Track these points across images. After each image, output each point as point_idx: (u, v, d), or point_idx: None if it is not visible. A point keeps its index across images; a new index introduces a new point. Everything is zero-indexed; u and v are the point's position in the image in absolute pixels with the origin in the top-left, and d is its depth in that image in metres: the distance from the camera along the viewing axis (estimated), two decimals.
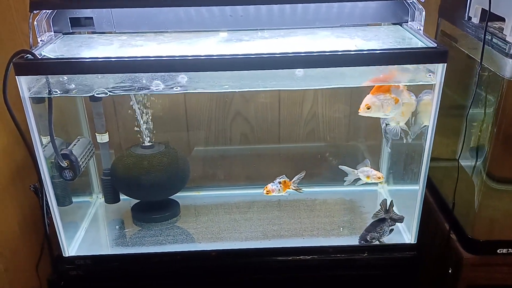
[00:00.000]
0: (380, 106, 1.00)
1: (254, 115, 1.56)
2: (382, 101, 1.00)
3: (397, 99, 1.01)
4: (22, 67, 1.03)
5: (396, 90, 1.01)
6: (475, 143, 1.25)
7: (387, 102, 1.01)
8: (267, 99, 1.54)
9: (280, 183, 1.26)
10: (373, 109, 1.01)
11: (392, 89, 1.00)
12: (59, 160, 1.21)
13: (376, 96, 1.00)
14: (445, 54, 1.05)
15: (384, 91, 1.01)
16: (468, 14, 1.22)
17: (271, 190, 1.25)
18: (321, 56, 1.06)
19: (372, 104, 1.00)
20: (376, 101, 1.00)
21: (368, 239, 1.29)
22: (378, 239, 1.30)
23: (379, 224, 1.30)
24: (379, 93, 1.00)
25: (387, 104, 1.01)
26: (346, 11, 1.24)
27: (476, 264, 1.22)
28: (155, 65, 1.06)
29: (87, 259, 1.28)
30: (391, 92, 1.00)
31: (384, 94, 1.00)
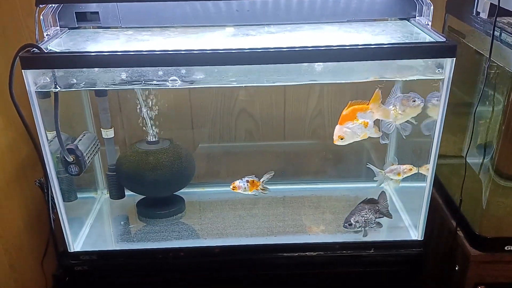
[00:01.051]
0: (352, 134, 1.02)
1: (259, 111, 1.56)
2: (352, 129, 1.02)
3: (366, 122, 1.02)
4: (28, 61, 1.03)
5: (363, 113, 1.02)
6: (482, 140, 1.24)
7: (357, 129, 1.03)
8: (272, 95, 1.54)
9: (248, 181, 1.26)
10: (346, 139, 1.03)
11: (358, 115, 1.02)
12: (65, 155, 1.21)
13: (345, 126, 1.02)
14: (454, 49, 1.04)
15: (351, 118, 1.02)
16: (476, 9, 1.21)
17: (238, 187, 1.25)
18: (328, 51, 1.05)
19: (344, 134, 1.03)
20: (346, 130, 1.02)
21: (352, 222, 1.25)
22: (362, 226, 1.26)
23: (364, 208, 1.27)
24: (347, 122, 1.02)
25: (358, 130, 1.03)
26: (353, 6, 1.24)
27: (483, 261, 1.22)
28: (161, 59, 1.06)
29: (93, 255, 1.28)
30: (357, 118, 1.02)
31: (352, 122, 1.02)
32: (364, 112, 1.02)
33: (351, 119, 1.02)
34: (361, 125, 1.02)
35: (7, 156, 1.30)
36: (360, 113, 1.02)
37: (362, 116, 1.02)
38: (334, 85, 1.52)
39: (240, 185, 1.25)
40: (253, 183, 1.26)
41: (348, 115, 1.02)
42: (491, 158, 1.18)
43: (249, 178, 1.26)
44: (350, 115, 1.02)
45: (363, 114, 1.02)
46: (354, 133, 1.02)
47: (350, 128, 1.02)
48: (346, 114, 1.02)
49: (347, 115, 1.02)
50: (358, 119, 1.02)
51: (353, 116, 1.02)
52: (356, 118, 1.02)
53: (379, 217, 1.30)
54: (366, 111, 1.03)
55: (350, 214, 1.28)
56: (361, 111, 1.02)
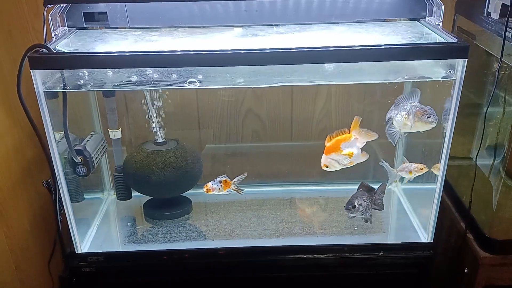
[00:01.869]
0: (336, 163, 1.05)
1: (266, 112, 1.55)
2: (337, 159, 1.05)
3: (350, 153, 1.04)
4: (37, 61, 1.03)
5: (347, 143, 1.04)
6: (492, 142, 1.23)
7: (342, 159, 1.05)
8: (280, 96, 1.53)
9: (221, 182, 1.24)
10: (331, 167, 1.06)
11: (342, 145, 1.04)
12: (73, 155, 1.20)
13: (330, 156, 1.05)
14: (466, 49, 1.04)
15: (335, 149, 1.04)
16: (487, 10, 1.20)
17: (211, 189, 1.24)
18: (338, 51, 1.04)
19: (329, 164, 1.06)
20: (331, 161, 1.05)
21: (356, 205, 1.20)
22: (364, 212, 1.22)
23: (365, 194, 1.24)
24: (331, 152, 1.04)
25: (344, 160, 1.05)
26: (363, 6, 1.23)
27: (493, 264, 1.21)
28: (169, 60, 1.05)
29: (100, 256, 1.28)
30: (341, 149, 1.03)
31: (336, 153, 1.04)
32: (349, 141, 1.04)
33: (335, 150, 1.04)
34: (346, 156, 1.04)
35: (14, 156, 1.30)
36: (344, 143, 1.04)
37: (347, 146, 1.04)
38: (341, 86, 1.51)
39: (213, 187, 1.24)
40: (226, 183, 1.25)
41: (332, 147, 1.04)
42: (501, 160, 1.17)
43: (221, 178, 1.25)
44: (334, 147, 1.04)
45: (348, 143, 1.04)
46: (337, 163, 1.05)
47: (334, 159, 1.04)
48: (330, 146, 1.05)
49: (331, 146, 1.05)
50: (342, 150, 1.04)
51: (337, 147, 1.04)
52: (340, 149, 1.04)
53: (374, 208, 1.26)
54: (350, 140, 1.05)
55: (352, 197, 1.23)
56: (344, 141, 1.04)
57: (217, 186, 1.23)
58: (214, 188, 1.23)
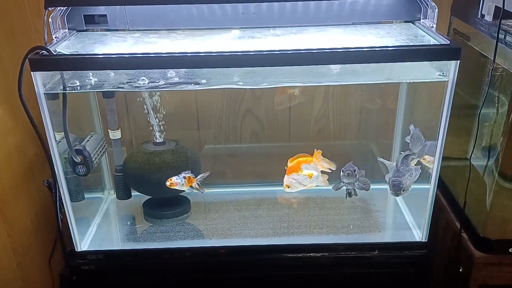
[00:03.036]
0: (297, 183, 1.10)
1: (264, 113, 1.57)
2: (297, 179, 1.09)
3: (310, 174, 1.09)
4: (37, 63, 1.05)
5: (308, 165, 1.09)
6: (487, 142, 1.24)
7: (302, 179, 1.10)
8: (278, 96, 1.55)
9: (185, 178, 1.25)
10: (292, 188, 1.11)
11: (302, 167, 1.09)
12: (72, 155, 1.22)
13: (291, 177, 1.09)
14: (458, 51, 1.05)
15: (296, 170, 1.09)
16: (481, 12, 1.21)
17: (175, 183, 1.25)
18: (333, 53, 1.06)
19: (290, 184, 1.11)
20: (292, 181, 1.10)
21: (356, 170, 1.18)
22: (353, 183, 1.20)
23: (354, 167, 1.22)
24: (292, 173, 1.09)
25: (304, 181, 1.10)
26: (358, 8, 1.24)
27: (487, 263, 1.22)
28: (168, 61, 1.07)
29: (99, 254, 1.30)
30: (302, 170, 1.08)
31: (297, 173, 1.08)
32: (308, 164, 1.09)
33: (296, 170, 1.09)
34: (306, 176, 1.09)
35: (16, 156, 1.32)
36: (304, 164, 1.09)
37: (307, 168, 1.09)
38: (339, 87, 1.53)
39: (177, 181, 1.24)
40: (189, 179, 1.26)
41: (294, 167, 1.09)
42: (495, 160, 1.18)
43: (185, 174, 1.25)
44: (295, 167, 1.09)
45: (307, 165, 1.09)
46: (298, 183, 1.10)
47: (295, 179, 1.09)
48: (292, 166, 1.10)
49: (293, 167, 1.10)
50: (302, 170, 1.08)
51: (298, 168, 1.09)
52: (301, 170, 1.08)
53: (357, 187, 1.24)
54: (310, 163, 1.10)
55: (348, 165, 1.20)
56: (305, 163, 1.09)
57: (180, 181, 1.24)
58: (177, 183, 1.24)
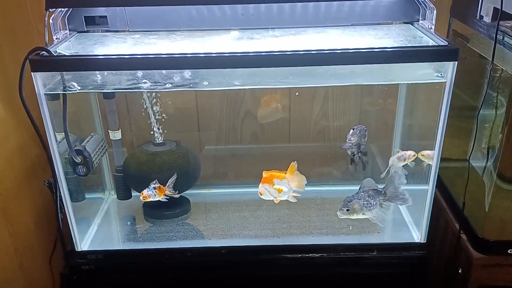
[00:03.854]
0: (268, 194, 1.18)
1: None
2: (268, 190, 1.18)
3: (280, 189, 1.17)
4: (38, 63, 1.06)
5: (279, 180, 1.17)
6: (486, 144, 1.25)
7: (272, 192, 1.18)
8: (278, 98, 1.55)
9: (155, 188, 1.27)
10: (264, 195, 1.19)
11: (274, 181, 1.17)
12: (73, 156, 1.23)
13: (264, 186, 1.18)
14: (456, 52, 1.05)
15: (268, 182, 1.17)
16: (480, 13, 1.21)
17: (147, 196, 1.27)
18: (332, 54, 1.07)
19: (263, 192, 1.18)
20: (264, 190, 1.18)
21: (363, 130, 1.23)
22: (358, 146, 1.25)
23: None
24: (265, 183, 1.18)
25: (273, 193, 1.18)
26: (357, 10, 1.25)
27: (486, 264, 1.22)
28: (167, 62, 1.08)
29: (99, 254, 1.30)
30: (273, 184, 1.17)
31: (269, 185, 1.17)
32: (281, 180, 1.17)
33: (269, 182, 1.17)
34: (276, 190, 1.18)
35: (17, 156, 1.33)
36: (276, 179, 1.17)
37: (278, 183, 1.16)
38: (338, 88, 1.53)
39: (149, 193, 1.27)
40: (160, 189, 1.28)
41: (267, 179, 1.18)
42: (494, 161, 1.18)
43: (155, 185, 1.28)
44: (268, 179, 1.17)
45: (279, 181, 1.17)
46: (270, 194, 1.18)
47: (266, 189, 1.18)
48: (266, 177, 1.18)
49: (266, 178, 1.18)
50: (274, 184, 1.17)
51: (270, 181, 1.17)
52: (273, 183, 1.17)
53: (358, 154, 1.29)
54: (282, 179, 1.18)
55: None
56: (277, 178, 1.17)
57: (152, 192, 1.26)
58: (149, 195, 1.27)
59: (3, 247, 1.26)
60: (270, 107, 1.54)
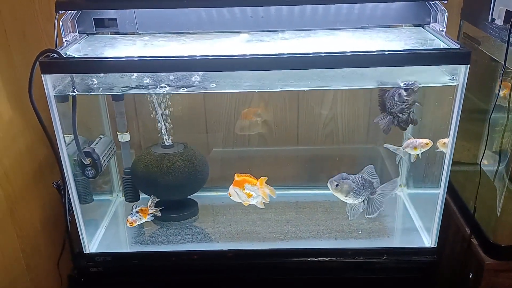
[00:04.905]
0: (237, 197, 1.20)
1: (272, 116, 1.57)
2: (238, 193, 1.19)
3: (250, 194, 1.19)
4: (47, 65, 1.06)
5: (250, 186, 1.18)
6: (497, 147, 1.23)
7: (242, 195, 1.19)
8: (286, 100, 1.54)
9: (138, 212, 1.27)
10: (233, 197, 1.21)
11: (245, 186, 1.18)
12: (81, 157, 1.23)
13: (234, 188, 1.19)
14: (468, 55, 1.04)
15: (240, 185, 1.19)
16: (491, 16, 1.20)
17: (133, 221, 1.27)
18: (342, 57, 1.06)
19: (232, 194, 1.20)
20: (233, 192, 1.20)
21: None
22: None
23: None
24: (237, 186, 1.19)
25: (243, 197, 1.20)
26: (367, 12, 1.24)
27: (498, 269, 1.20)
28: (177, 65, 1.08)
29: (107, 256, 1.30)
30: (244, 188, 1.18)
31: (240, 189, 1.18)
32: (252, 186, 1.18)
33: (240, 186, 1.19)
34: (245, 195, 1.19)
35: (26, 158, 1.33)
36: (247, 184, 1.18)
37: (249, 188, 1.18)
38: (347, 91, 1.52)
39: (134, 219, 1.27)
40: (143, 211, 1.28)
41: (238, 182, 1.19)
42: (506, 165, 1.16)
43: (136, 209, 1.28)
44: (240, 183, 1.19)
45: (250, 187, 1.18)
46: (239, 197, 1.20)
47: (237, 192, 1.19)
48: (238, 181, 1.19)
49: (238, 181, 1.19)
50: (244, 188, 1.18)
51: (242, 185, 1.18)
52: (243, 188, 1.18)
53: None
54: (253, 185, 1.19)
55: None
56: (249, 183, 1.19)
57: (136, 217, 1.27)
58: (135, 220, 1.27)
59: (11, 249, 1.26)
60: (249, 120, 1.55)
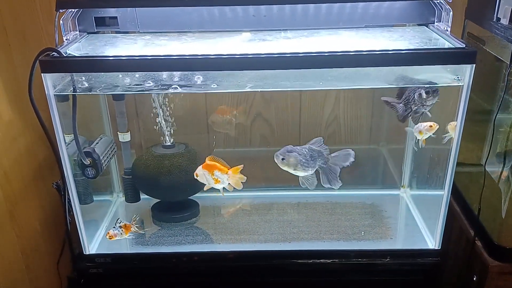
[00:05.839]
0: (204, 179, 1.19)
1: (274, 116, 1.55)
2: (206, 176, 1.19)
3: (217, 180, 1.18)
4: (48, 64, 1.04)
5: (220, 173, 1.17)
6: (502, 149, 1.22)
7: (210, 179, 1.19)
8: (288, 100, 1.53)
9: (121, 227, 1.26)
10: (199, 178, 1.20)
11: (215, 172, 1.18)
12: (82, 158, 1.22)
13: (203, 171, 1.18)
14: (474, 55, 1.03)
15: (209, 169, 1.18)
16: (497, 15, 1.19)
17: (114, 235, 1.25)
18: (345, 56, 1.04)
19: (200, 175, 1.19)
20: (201, 174, 1.19)
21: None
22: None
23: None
24: (206, 169, 1.18)
25: (210, 181, 1.19)
26: (371, 11, 1.23)
27: (502, 271, 1.19)
28: (177, 64, 1.07)
29: (107, 257, 1.29)
30: (213, 174, 1.17)
31: (209, 172, 1.18)
32: (221, 173, 1.17)
33: (209, 170, 1.18)
34: (213, 180, 1.18)
35: (26, 158, 1.32)
36: (217, 171, 1.17)
37: (218, 175, 1.17)
38: (350, 91, 1.51)
39: (115, 233, 1.25)
40: (126, 227, 1.27)
41: (209, 166, 1.18)
42: (511, 167, 1.15)
43: (120, 224, 1.27)
44: (210, 167, 1.18)
45: (220, 174, 1.17)
46: (206, 180, 1.19)
47: (204, 175, 1.19)
48: (208, 165, 1.18)
49: (209, 165, 1.18)
50: (213, 174, 1.17)
51: (212, 170, 1.18)
52: (213, 173, 1.18)
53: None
54: (222, 173, 1.18)
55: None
56: (219, 170, 1.18)
57: (118, 231, 1.25)
58: (116, 234, 1.25)
59: (10, 249, 1.25)
60: (223, 117, 1.54)
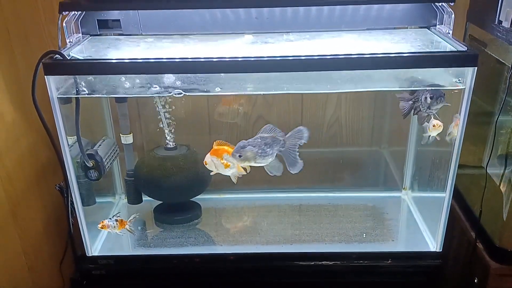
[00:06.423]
0: (213, 166, 1.16)
1: (276, 118, 1.56)
2: (215, 163, 1.15)
3: (227, 164, 1.15)
4: (51, 67, 1.05)
5: (229, 156, 1.13)
6: (503, 151, 1.22)
7: (219, 165, 1.16)
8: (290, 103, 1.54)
9: (117, 220, 1.26)
10: (209, 166, 1.17)
11: (224, 156, 1.14)
12: (84, 160, 1.22)
13: (211, 157, 1.15)
14: (476, 58, 1.03)
15: (218, 155, 1.15)
16: (498, 18, 1.19)
17: (107, 226, 1.25)
18: (347, 59, 1.05)
19: (209, 163, 1.16)
20: (210, 161, 1.16)
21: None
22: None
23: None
24: (214, 155, 1.15)
25: (220, 167, 1.16)
26: (373, 14, 1.23)
27: (503, 274, 1.19)
28: (180, 67, 1.07)
29: (110, 259, 1.29)
30: (222, 158, 1.14)
31: (217, 158, 1.15)
32: (230, 156, 1.13)
33: (218, 155, 1.15)
34: (222, 165, 1.15)
35: (29, 160, 1.33)
36: (226, 155, 1.14)
37: (227, 158, 1.13)
38: (351, 93, 1.51)
39: (109, 224, 1.25)
40: (121, 222, 1.27)
41: (217, 151, 1.15)
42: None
43: (117, 218, 1.26)
44: (218, 152, 1.15)
45: (229, 157, 1.12)
46: (215, 167, 1.16)
47: (213, 161, 1.15)
48: (216, 149, 1.15)
49: (216, 150, 1.15)
50: (222, 158, 1.14)
51: (220, 154, 1.15)
52: (221, 157, 1.14)
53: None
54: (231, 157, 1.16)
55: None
56: (228, 153, 1.14)
57: (112, 223, 1.25)
58: (109, 225, 1.25)
59: (13, 250, 1.25)
60: (229, 107, 1.52)
